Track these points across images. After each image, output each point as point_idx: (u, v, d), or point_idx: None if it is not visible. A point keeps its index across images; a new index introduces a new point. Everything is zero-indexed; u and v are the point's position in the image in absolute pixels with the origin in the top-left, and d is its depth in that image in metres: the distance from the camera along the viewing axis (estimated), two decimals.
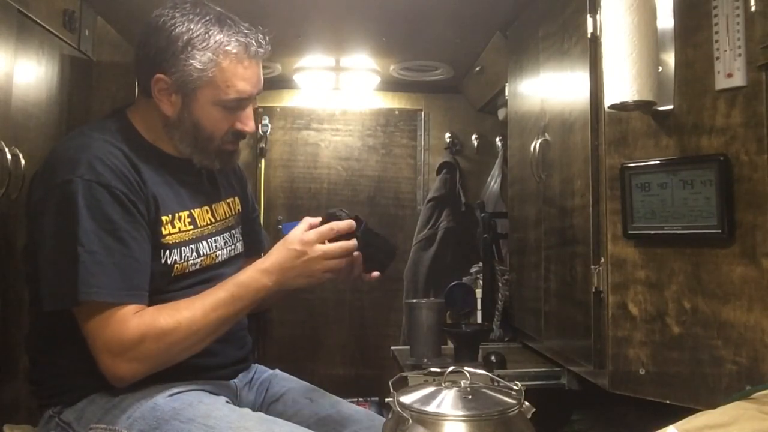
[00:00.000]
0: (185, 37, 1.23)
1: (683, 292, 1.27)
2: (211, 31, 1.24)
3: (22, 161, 1.49)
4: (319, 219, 1.29)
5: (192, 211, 1.32)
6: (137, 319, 1.15)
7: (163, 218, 1.25)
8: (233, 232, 1.44)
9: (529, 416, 0.95)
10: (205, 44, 1.23)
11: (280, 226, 3.03)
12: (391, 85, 3.04)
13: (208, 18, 1.25)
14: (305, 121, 3.11)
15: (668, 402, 1.29)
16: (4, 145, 1.44)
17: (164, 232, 1.25)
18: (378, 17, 2.15)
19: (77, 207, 1.13)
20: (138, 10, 2.02)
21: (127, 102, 1.41)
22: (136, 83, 1.34)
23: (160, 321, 1.16)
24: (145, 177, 1.23)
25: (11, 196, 1.47)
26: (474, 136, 3.12)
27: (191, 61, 1.22)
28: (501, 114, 2.78)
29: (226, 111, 1.27)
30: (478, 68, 2.64)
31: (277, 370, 1.54)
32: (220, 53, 1.24)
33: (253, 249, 1.53)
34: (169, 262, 1.25)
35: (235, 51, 1.25)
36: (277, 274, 1.23)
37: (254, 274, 1.23)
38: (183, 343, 1.18)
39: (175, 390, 1.21)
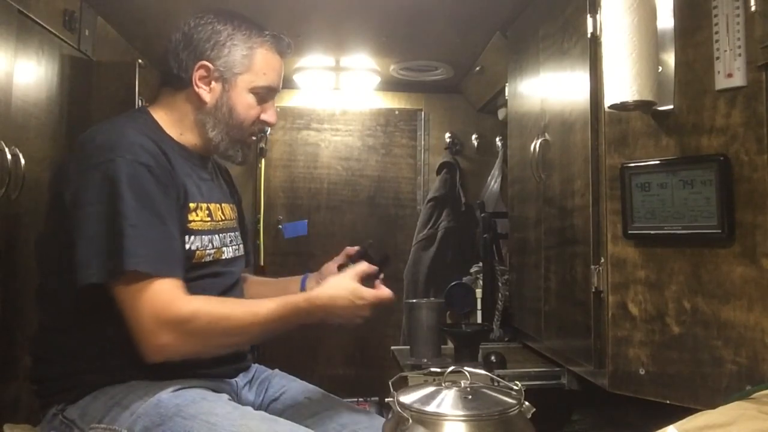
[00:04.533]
0: (228, 30, 1.38)
1: (683, 292, 1.27)
2: (249, 27, 1.40)
3: (22, 161, 1.49)
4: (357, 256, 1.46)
5: (209, 204, 1.39)
6: (190, 298, 1.20)
7: (191, 205, 1.32)
8: (236, 234, 1.48)
9: (529, 416, 0.95)
10: (245, 36, 1.38)
11: (281, 226, 3.06)
12: (391, 85, 3.04)
13: (241, 18, 1.41)
14: (305, 121, 3.11)
15: (668, 402, 1.29)
16: (4, 145, 1.44)
17: (190, 218, 1.31)
18: (378, 17, 2.15)
19: (120, 184, 1.18)
20: (138, 10, 2.02)
21: (127, 101, 1.43)
22: (162, 80, 1.43)
23: (214, 306, 1.22)
24: (175, 165, 1.30)
25: (11, 196, 1.47)
26: (474, 136, 3.12)
27: (235, 49, 1.37)
28: (501, 114, 2.78)
29: (257, 99, 1.40)
30: (478, 68, 2.64)
31: (277, 370, 1.55)
32: (258, 44, 1.39)
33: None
34: (192, 247, 1.30)
35: (270, 43, 1.41)
36: (325, 312, 1.29)
37: (307, 304, 1.28)
38: (227, 334, 1.22)
39: (179, 386, 1.22)
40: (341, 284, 1.31)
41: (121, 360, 1.23)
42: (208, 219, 1.36)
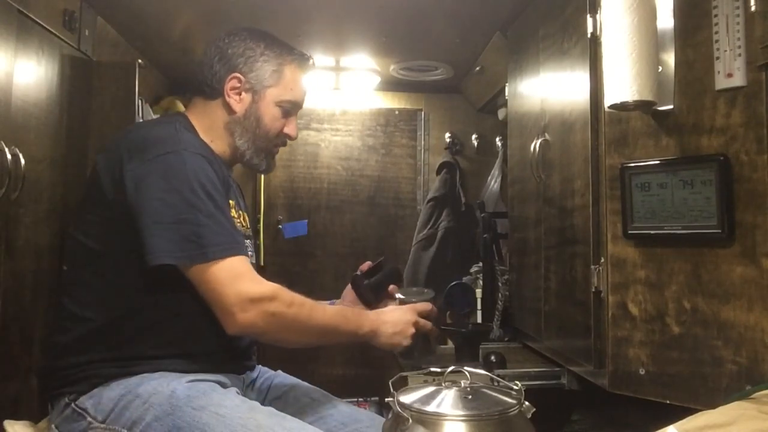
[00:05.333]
0: (261, 47, 1.48)
1: (683, 292, 1.27)
2: (279, 45, 1.51)
3: (22, 161, 1.49)
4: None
5: (238, 209, 1.46)
6: (270, 282, 1.29)
7: (231, 202, 1.39)
8: (250, 242, 1.53)
9: (529, 416, 0.95)
10: (276, 52, 1.49)
11: (281, 226, 3.06)
12: (391, 85, 3.04)
13: (272, 37, 1.52)
14: (305, 121, 3.10)
15: (668, 402, 1.29)
16: (4, 145, 1.44)
17: (231, 215, 1.38)
18: (378, 17, 2.15)
19: (188, 175, 1.25)
20: (138, 10, 2.02)
21: (127, 101, 1.46)
22: (195, 91, 1.52)
23: (292, 293, 1.30)
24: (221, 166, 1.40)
25: (11, 196, 1.47)
26: (474, 136, 3.12)
27: (266, 64, 1.47)
28: (501, 114, 2.77)
29: (282, 113, 1.50)
30: (478, 68, 2.63)
31: (280, 371, 1.56)
32: (287, 61, 1.50)
33: None
34: None
35: (297, 61, 1.53)
36: (377, 320, 1.41)
37: (373, 320, 1.40)
38: (301, 321, 1.29)
39: (191, 378, 1.25)
40: (406, 310, 1.45)
41: (136, 352, 1.26)
42: (240, 221, 1.43)
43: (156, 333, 1.28)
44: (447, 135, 3.12)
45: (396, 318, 1.42)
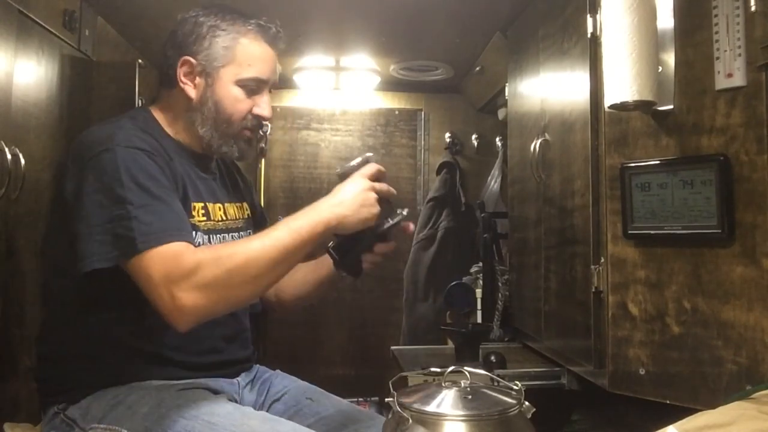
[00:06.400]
0: (210, 23, 1.34)
1: (683, 292, 1.27)
2: (233, 17, 1.36)
3: (22, 161, 1.48)
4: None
5: (207, 204, 1.36)
6: (193, 250, 1.15)
7: (191, 204, 1.31)
8: (242, 234, 1.46)
9: (529, 416, 0.95)
10: (228, 27, 1.34)
11: None
12: (391, 85, 3.03)
13: (227, 10, 1.37)
14: (305, 121, 3.10)
15: (668, 402, 1.29)
16: (4, 145, 1.44)
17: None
18: (378, 17, 2.15)
19: (119, 169, 1.16)
20: (138, 10, 2.02)
21: (127, 101, 1.43)
22: (159, 79, 1.42)
23: (217, 250, 1.19)
24: (174, 160, 1.30)
25: (11, 196, 1.47)
26: (474, 136, 3.12)
27: (216, 40, 1.33)
28: (501, 114, 2.78)
29: (245, 92, 1.35)
30: (478, 68, 2.63)
31: (278, 371, 1.55)
32: (242, 33, 1.34)
33: None
34: None
35: (254, 32, 1.35)
36: (334, 207, 1.21)
37: (325, 210, 1.21)
38: (242, 270, 1.13)
39: (181, 387, 1.23)
40: (342, 185, 1.25)
41: (123, 361, 1.24)
42: (204, 219, 1.34)
43: (143, 341, 1.25)
44: (447, 135, 3.12)
45: (349, 194, 1.22)
